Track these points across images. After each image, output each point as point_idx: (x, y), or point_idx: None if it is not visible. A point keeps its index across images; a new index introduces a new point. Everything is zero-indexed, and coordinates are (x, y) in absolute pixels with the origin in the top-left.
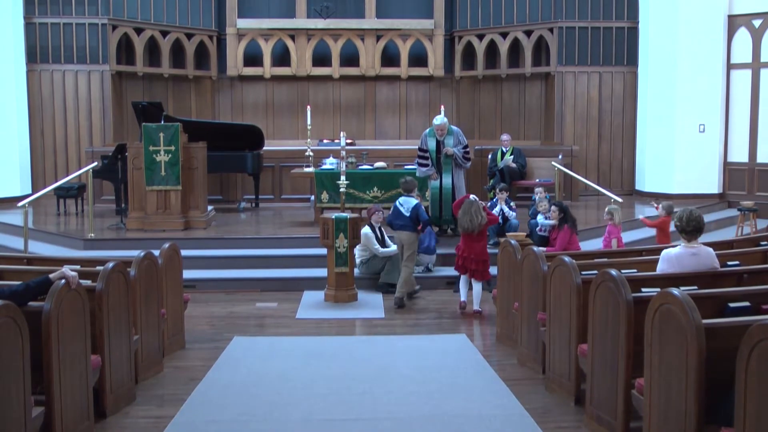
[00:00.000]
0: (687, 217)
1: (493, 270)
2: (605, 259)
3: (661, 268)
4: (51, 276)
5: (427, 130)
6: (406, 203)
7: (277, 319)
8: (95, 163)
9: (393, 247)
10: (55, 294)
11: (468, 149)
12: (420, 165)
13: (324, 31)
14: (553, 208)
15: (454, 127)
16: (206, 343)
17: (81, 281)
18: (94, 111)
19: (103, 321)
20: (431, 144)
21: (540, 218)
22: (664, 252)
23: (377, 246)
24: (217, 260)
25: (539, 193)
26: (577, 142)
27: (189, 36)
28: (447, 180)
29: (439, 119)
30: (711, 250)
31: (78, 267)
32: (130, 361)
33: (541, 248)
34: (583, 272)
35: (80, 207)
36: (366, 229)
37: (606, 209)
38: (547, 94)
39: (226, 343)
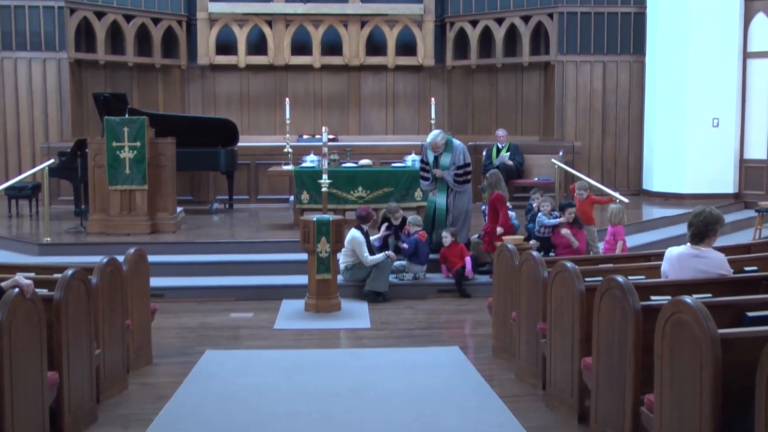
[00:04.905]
0: (691, 219)
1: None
2: (611, 265)
3: (663, 268)
4: (3, 285)
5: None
6: None
7: (254, 330)
8: (52, 161)
9: (380, 254)
10: (7, 304)
11: (465, 170)
12: (422, 178)
13: (304, 17)
14: (569, 210)
15: (456, 142)
16: (176, 358)
17: (36, 290)
18: (50, 103)
19: (61, 334)
20: (430, 157)
21: (541, 217)
22: (667, 251)
23: (366, 254)
24: (188, 266)
25: (537, 200)
26: (579, 138)
27: (156, 21)
28: (441, 200)
29: (431, 136)
30: (721, 256)
31: (33, 274)
32: (91, 378)
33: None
34: (587, 279)
35: (35, 208)
36: (355, 233)
37: (618, 209)
38: (547, 86)
39: (197, 357)
